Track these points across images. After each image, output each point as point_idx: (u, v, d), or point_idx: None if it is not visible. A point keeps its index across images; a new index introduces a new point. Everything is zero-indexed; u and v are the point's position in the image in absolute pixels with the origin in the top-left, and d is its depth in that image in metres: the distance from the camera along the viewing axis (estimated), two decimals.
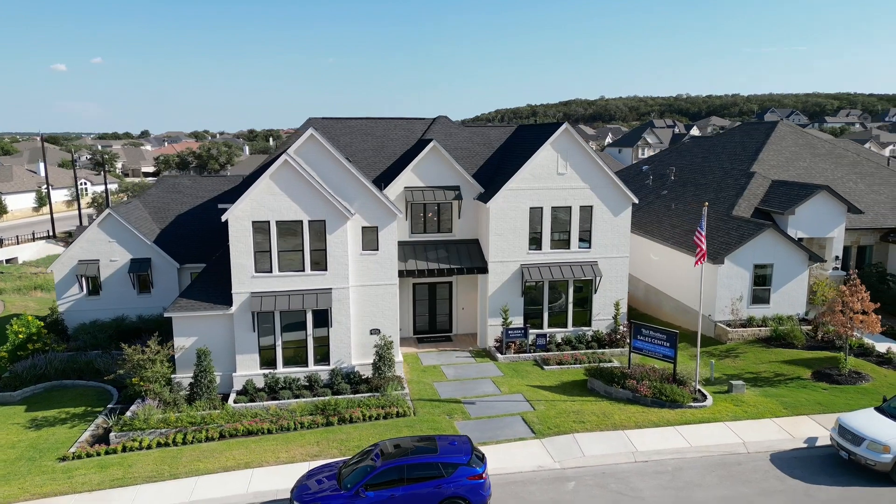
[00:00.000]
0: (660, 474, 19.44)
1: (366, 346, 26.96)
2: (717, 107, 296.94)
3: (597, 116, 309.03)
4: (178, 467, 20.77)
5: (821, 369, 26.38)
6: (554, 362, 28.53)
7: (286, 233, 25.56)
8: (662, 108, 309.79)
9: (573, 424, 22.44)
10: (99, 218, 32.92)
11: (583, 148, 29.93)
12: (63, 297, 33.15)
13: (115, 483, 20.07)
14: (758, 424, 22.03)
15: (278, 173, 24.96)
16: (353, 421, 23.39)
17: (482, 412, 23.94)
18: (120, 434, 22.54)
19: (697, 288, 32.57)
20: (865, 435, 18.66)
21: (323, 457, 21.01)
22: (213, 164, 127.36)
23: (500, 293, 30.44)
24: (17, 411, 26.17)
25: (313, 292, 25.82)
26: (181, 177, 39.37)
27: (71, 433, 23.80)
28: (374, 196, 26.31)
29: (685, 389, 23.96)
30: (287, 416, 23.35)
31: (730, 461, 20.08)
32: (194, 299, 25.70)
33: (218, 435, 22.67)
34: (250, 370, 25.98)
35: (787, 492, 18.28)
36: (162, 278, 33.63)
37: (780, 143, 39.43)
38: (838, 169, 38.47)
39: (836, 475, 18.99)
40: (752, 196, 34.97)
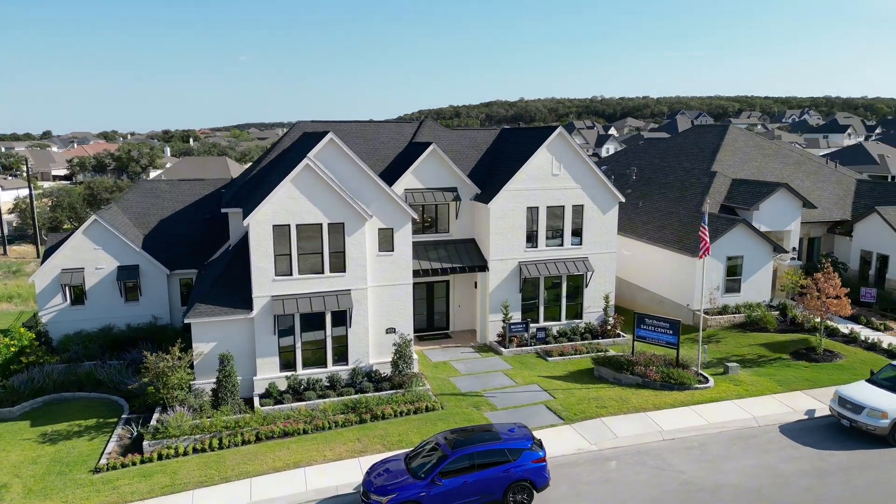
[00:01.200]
0: (689, 450, 21.29)
1: (382, 344, 27.61)
2: (630, 108, 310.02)
3: (518, 117, 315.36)
4: (226, 471, 20.89)
5: (798, 349, 29.18)
6: (556, 354, 30.12)
7: (306, 236, 25.88)
8: (580, 110, 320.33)
9: (597, 409, 24.03)
10: (84, 224, 31.91)
11: (575, 150, 31.67)
12: (45, 307, 31.91)
13: (167, 490, 20.01)
14: (760, 401, 24.34)
15: (299, 177, 25.26)
16: (386, 417, 24.07)
17: (506, 403, 25.16)
18: (154, 442, 22.32)
19: (671, 280, 35.20)
20: (865, 404, 21.16)
21: (369, 452, 21.65)
22: (133, 166, 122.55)
23: (500, 290, 31.77)
24: (21, 427, 25.23)
25: (333, 294, 26.27)
26: (158, 181, 38.47)
27: (92, 445, 23.29)
28: (390, 198, 27.03)
29: (689, 373, 26.05)
30: (321, 416, 23.77)
31: (746, 434, 22.20)
32: (213, 304, 25.60)
33: (254, 438, 22.83)
34: (270, 373, 26.14)
35: (804, 458, 20.49)
36: (151, 286, 32.95)
37: (733, 145, 42.69)
38: (786, 168, 42.10)
39: (840, 441, 21.42)
40: (716, 193, 37.85)
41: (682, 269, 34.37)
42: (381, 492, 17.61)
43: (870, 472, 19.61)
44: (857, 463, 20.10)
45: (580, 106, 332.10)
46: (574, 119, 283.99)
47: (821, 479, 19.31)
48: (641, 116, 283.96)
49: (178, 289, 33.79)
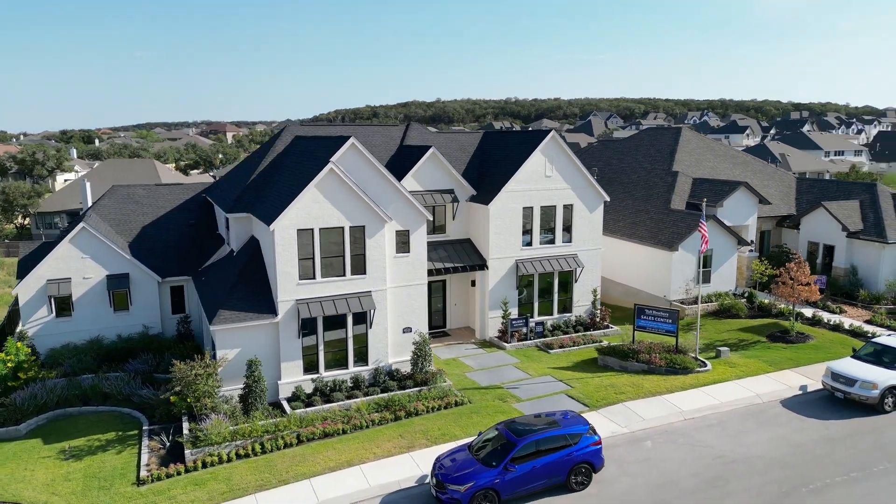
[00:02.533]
0: (710, 427, 23.33)
1: (399, 344, 28.27)
2: (544, 110, 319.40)
3: (436, 118, 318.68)
4: (280, 473, 21.09)
5: (772, 333, 32.11)
6: (557, 346, 31.72)
7: (328, 239, 26.19)
8: (496, 111, 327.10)
9: (616, 395, 25.75)
10: (72, 233, 30.67)
11: (566, 153, 33.39)
12: (29, 320, 30.44)
13: (227, 496, 20.04)
14: (757, 380, 26.82)
15: (323, 182, 25.56)
16: (419, 413, 24.83)
17: (528, 394, 26.47)
18: (196, 451, 22.13)
19: (646, 273, 37.71)
20: (857, 377, 23.92)
21: (416, 448, 22.39)
22: (39, 169, 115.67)
23: (499, 287, 33.06)
24: (34, 445, 24.20)
25: (355, 295, 26.71)
26: (134, 186, 37.23)
27: (123, 458, 22.76)
28: (407, 201, 27.73)
29: (689, 358, 28.27)
30: (358, 416, 24.24)
31: (754, 410, 24.52)
32: (236, 310, 25.48)
33: (295, 440, 23.04)
34: (295, 376, 26.28)
35: (811, 428, 22.96)
36: (141, 294, 32.06)
37: (687, 147, 45.86)
38: (735, 168, 45.68)
39: (837, 411, 24.10)
40: (681, 192, 40.69)
41: (659, 263, 36.85)
42: (458, 481, 18.47)
43: (870, 436, 22.27)
44: (858, 429, 22.75)
45: (496, 107, 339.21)
46: (492, 120, 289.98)
47: (831, 445, 21.77)
48: (555, 118, 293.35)
49: (169, 297, 33.01)
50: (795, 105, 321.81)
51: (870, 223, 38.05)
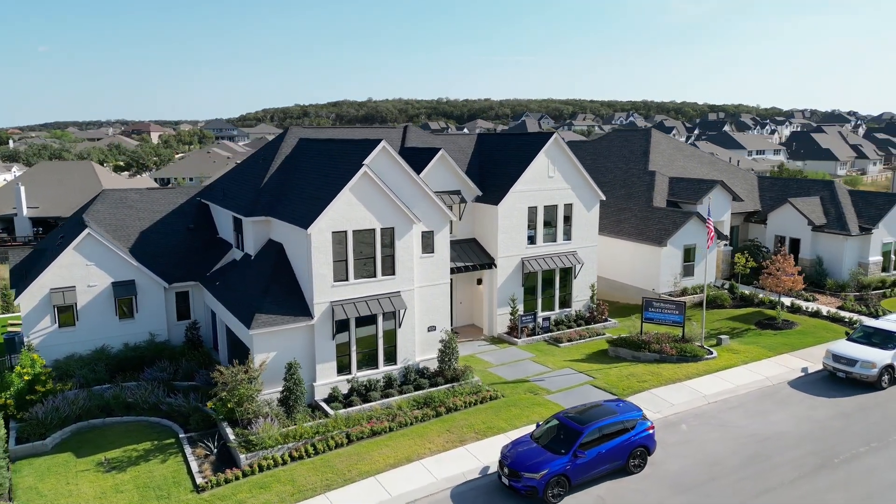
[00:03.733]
0: (734, 409, 25.15)
1: (425, 342, 28.86)
2: (476, 110, 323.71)
3: (369, 118, 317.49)
4: (342, 472, 21.39)
5: (759, 321, 34.56)
6: (565, 340, 33.07)
7: (360, 241, 26.52)
8: (429, 111, 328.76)
9: (639, 384, 27.26)
10: (77, 239, 29.62)
11: (567, 154, 34.79)
12: (32, 331, 29.26)
13: (296, 497, 20.22)
14: (761, 364, 28.94)
15: (357, 185, 25.87)
16: (457, 409, 25.54)
17: (556, 386, 27.63)
18: (250, 455, 22.09)
19: (633, 267, 39.69)
20: (857, 357, 26.32)
21: (468, 441, 23.13)
22: None
23: (506, 285, 34.11)
24: (66, 459, 23.45)
25: (386, 296, 27.13)
26: (126, 190, 36.13)
27: (170, 467, 22.44)
28: (432, 202, 28.35)
29: (695, 346, 30.15)
30: (401, 414, 24.73)
31: (767, 392, 26.55)
32: (272, 314, 25.45)
33: (346, 440, 23.33)
34: (329, 378, 26.46)
35: (824, 406, 25.14)
36: (147, 301, 31.34)
37: (658, 147, 48.28)
38: (703, 167, 48.46)
39: (841, 389, 26.43)
40: (661, 190, 42.93)
41: (648, 258, 38.86)
42: (532, 469, 19.37)
43: (876, 410, 24.62)
44: (864, 405, 25.09)
45: (428, 107, 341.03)
46: (426, 119, 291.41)
47: (846, 420, 23.95)
48: (487, 118, 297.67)
49: (175, 303, 32.37)
50: (711, 107, 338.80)
51: (832, 217, 41.34)
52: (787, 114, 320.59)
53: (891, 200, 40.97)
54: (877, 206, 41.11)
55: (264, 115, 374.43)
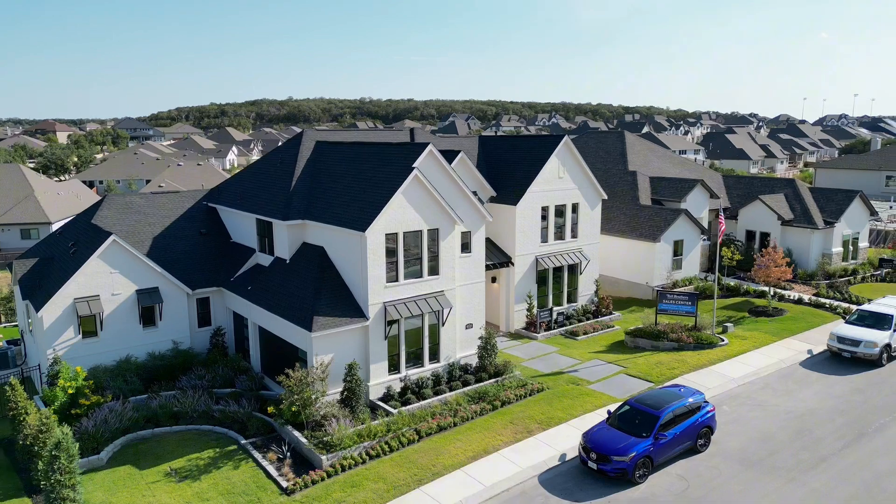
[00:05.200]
0: (763, 389, 27.40)
1: (464, 339, 29.69)
2: (401, 110, 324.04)
3: (291, 117, 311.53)
4: (428, 466, 22.01)
5: (752, 309, 37.36)
6: (581, 333, 34.69)
7: (409, 242, 27.06)
8: (353, 111, 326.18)
9: (669, 371, 29.14)
10: (102, 247, 28.60)
11: (575, 156, 36.43)
12: (55, 343, 28.06)
13: (392, 493, 20.71)
14: (770, 348, 31.48)
15: (409, 188, 26.41)
16: (510, 402, 26.56)
17: (593, 377, 29.12)
18: (331, 456, 22.32)
19: (627, 263, 41.88)
20: (861, 338, 29.21)
21: (535, 432, 24.20)
22: None
23: (523, 282, 35.39)
24: (127, 472, 22.86)
25: (432, 295, 27.79)
26: (130, 195, 34.92)
27: (246, 473, 22.34)
28: (471, 203, 29.22)
29: (708, 334, 32.41)
30: (462, 409, 25.50)
31: (785, 373, 29.02)
32: (330, 316, 25.63)
33: (416, 436, 23.90)
34: (382, 377, 26.88)
35: (840, 383, 27.79)
36: (171, 308, 30.64)
37: (634, 149, 50.86)
38: (675, 167, 51.45)
39: (848, 367, 29.24)
40: (644, 190, 45.40)
41: (642, 254, 41.13)
42: (621, 452, 20.68)
43: (885, 384, 27.49)
44: (872, 380, 27.94)
45: (352, 107, 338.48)
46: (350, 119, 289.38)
47: (863, 394, 26.64)
48: (413, 118, 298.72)
49: (196, 309, 31.73)
50: (626, 108, 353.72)
51: (798, 213, 45.02)
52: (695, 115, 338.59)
53: (849, 197, 45.07)
54: (837, 202, 45.10)
55: (178, 114, 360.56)
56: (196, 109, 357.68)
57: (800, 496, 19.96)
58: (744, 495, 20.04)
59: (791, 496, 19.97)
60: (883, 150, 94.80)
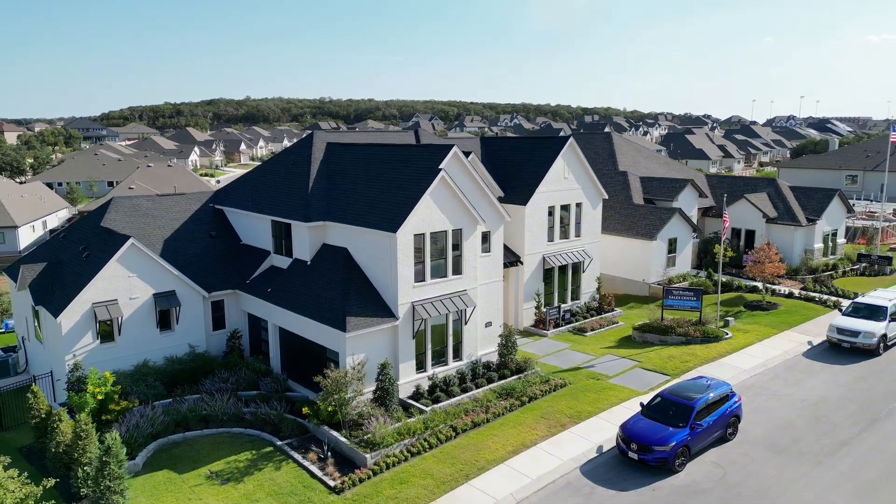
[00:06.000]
0: (774, 379, 28.69)
1: (484, 338, 30.23)
2: (362, 110, 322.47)
3: (250, 117, 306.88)
4: (471, 462, 22.48)
5: (747, 303, 38.86)
6: (588, 329, 35.60)
7: (434, 243, 27.46)
8: (313, 111, 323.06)
9: (683, 364, 30.22)
10: (120, 251, 28.21)
11: (579, 157, 37.34)
12: (73, 349, 27.58)
13: (442, 488, 21.12)
14: (773, 340, 32.90)
15: (436, 190, 26.82)
16: (537, 397, 27.21)
17: (611, 371, 29.98)
18: (374, 454, 22.59)
19: (623, 260, 43.04)
20: (860, 329, 30.82)
21: (568, 426, 24.90)
22: None
23: (531, 281, 36.11)
24: (166, 476, 22.72)
25: (456, 294, 28.25)
26: (136, 197, 34.38)
27: (289, 473, 22.44)
28: (491, 203, 29.78)
29: (713, 328, 33.67)
30: (493, 405, 26.04)
31: (790, 364, 30.41)
32: (362, 317, 25.86)
33: (453, 433, 24.34)
34: (410, 376, 27.22)
35: (843, 372, 29.28)
36: (187, 312, 30.40)
37: (621, 150, 52.16)
38: (661, 167, 52.96)
39: (848, 357, 30.80)
40: (636, 189, 46.67)
41: (639, 251, 42.35)
42: (661, 443, 21.52)
43: (885, 373, 29.08)
44: (873, 368, 29.52)
45: (312, 107, 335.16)
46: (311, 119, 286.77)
47: (867, 381, 28.15)
48: (375, 118, 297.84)
49: (211, 312, 31.50)
50: (585, 109, 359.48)
51: (781, 211, 46.94)
52: (651, 116, 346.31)
53: (828, 195, 47.22)
54: (817, 200, 47.20)
55: (131, 114, 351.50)
56: (150, 109, 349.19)
57: (829, 479, 21.12)
58: (779, 480, 21.09)
59: (821, 479, 21.10)
60: (841, 150, 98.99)
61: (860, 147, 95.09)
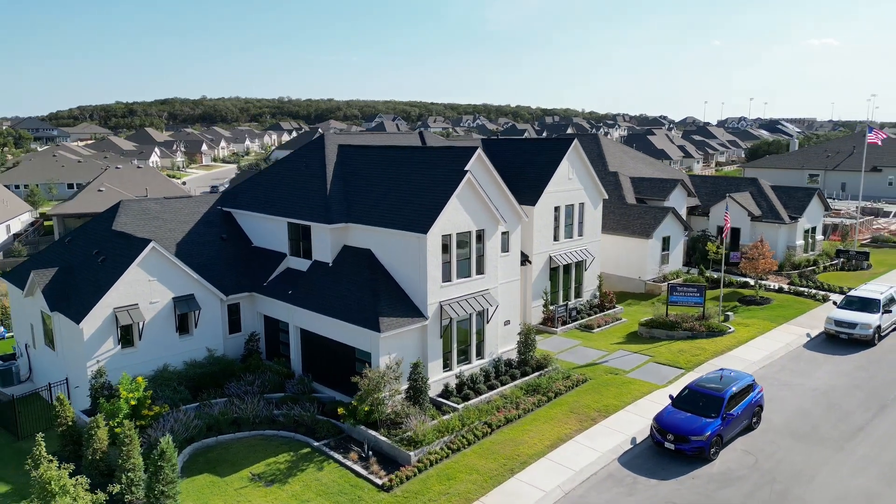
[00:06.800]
0: (782, 370, 30.03)
1: (503, 336, 30.82)
2: (323, 110, 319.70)
3: (207, 117, 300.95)
4: (512, 457, 23.04)
5: (741, 298, 40.41)
6: (595, 326, 36.56)
7: (460, 243, 27.92)
8: (273, 111, 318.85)
9: (695, 357, 31.35)
10: (141, 254, 27.85)
11: (582, 158, 38.27)
12: (94, 355, 27.14)
13: (490, 482, 21.61)
14: (773, 333, 34.36)
15: (462, 191, 27.28)
16: (561, 393, 27.93)
17: (627, 366, 30.92)
18: (417, 452, 22.95)
19: (618, 258, 44.14)
20: (856, 321, 32.47)
21: (598, 420, 25.65)
22: None
23: (539, 279, 36.87)
24: (209, 480, 22.65)
25: (480, 294, 28.77)
26: (144, 200, 33.90)
27: (332, 473, 22.61)
28: (510, 203, 30.39)
29: (717, 323, 34.96)
30: (523, 401, 26.65)
31: (793, 355, 31.85)
32: (393, 317, 26.15)
33: (488, 429, 24.86)
34: (437, 374, 27.62)
35: (845, 361, 30.83)
36: (205, 315, 30.19)
37: (609, 151, 53.45)
38: (647, 167, 54.44)
39: (846, 348, 32.42)
40: (628, 190, 47.94)
41: (635, 249, 43.56)
42: (698, 432, 22.44)
43: (883, 362, 30.73)
44: (873, 358, 31.18)
45: (271, 106, 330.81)
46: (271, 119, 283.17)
47: (869, 370, 29.72)
48: (337, 118, 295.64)
49: (227, 315, 31.33)
50: (544, 110, 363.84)
51: (765, 209, 48.83)
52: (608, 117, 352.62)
53: (809, 194, 49.36)
54: (798, 199, 49.27)
55: (81, 114, 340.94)
56: (101, 108, 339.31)
57: (853, 463, 22.36)
58: (807, 465, 22.24)
59: (846, 463, 22.33)
60: (802, 150, 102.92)
61: (821, 147, 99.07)
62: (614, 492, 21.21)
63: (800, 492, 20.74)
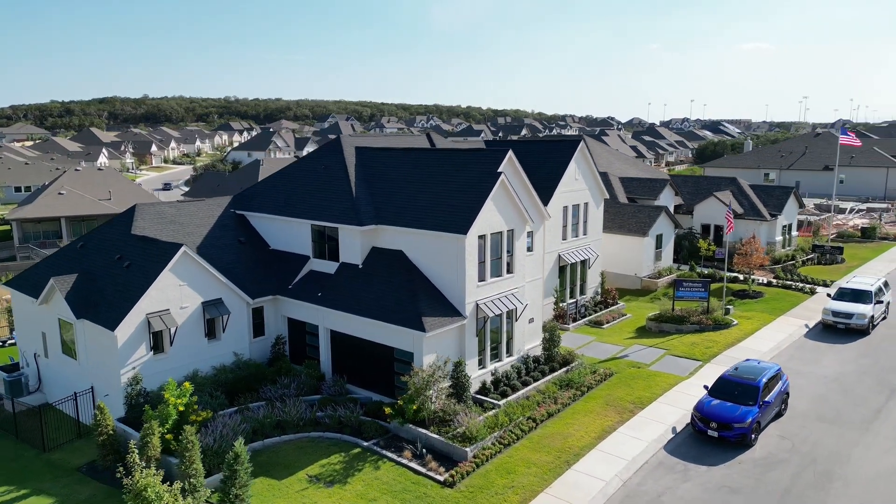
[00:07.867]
0: (791, 359, 31.72)
1: (528, 333, 31.54)
2: (273, 110, 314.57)
3: (151, 116, 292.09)
4: (563, 450, 23.78)
5: (735, 292, 42.28)
6: (604, 322, 37.72)
7: (493, 243, 28.51)
8: (220, 110, 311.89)
9: (707, 350, 32.77)
10: (173, 259, 27.41)
11: (587, 159, 39.37)
12: (128, 363, 26.63)
13: (549, 474, 22.33)
14: (775, 324, 36.17)
15: (497, 193, 27.87)
16: (592, 387, 28.85)
17: (647, 359, 32.08)
18: (472, 447, 23.44)
19: (614, 257, 45.53)
20: (853, 311, 34.54)
21: (636, 411, 26.66)
22: None
23: (549, 277, 37.75)
24: (267, 484, 22.51)
25: (511, 292, 29.42)
26: (158, 204, 33.22)
27: (388, 472, 22.87)
28: (536, 203, 31.15)
29: (722, 316, 36.57)
30: (560, 396, 27.44)
31: (797, 345, 33.65)
32: (434, 317, 26.51)
33: (533, 424, 25.55)
34: (474, 372, 28.10)
35: (847, 349, 32.76)
36: (233, 319, 29.93)
37: (596, 152, 54.94)
38: (633, 167, 56.18)
39: (844, 336, 34.44)
40: (619, 189, 49.44)
41: (631, 247, 45.00)
42: (740, 420, 23.66)
43: (881, 349, 32.80)
44: (870, 345, 33.23)
45: (218, 106, 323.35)
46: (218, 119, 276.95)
47: (869, 357, 31.71)
48: (287, 118, 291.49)
49: (251, 319, 31.09)
50: (496, 111, 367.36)
51: (747, 207, 51.12)
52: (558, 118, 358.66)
53: (786, 192, 51.93)
54: (776, 197, 51.77)
55: (14, 113, 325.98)
56: (36, 107, 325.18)
57: (881, 443, 23.98)
58: (840, 446, 23.73)
59: (875, 443, 23.93)
60: (756, 150, 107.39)
61: (775, 148, 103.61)
62: (669, 478, 22.18)
63: (841, 471, 22.16)
